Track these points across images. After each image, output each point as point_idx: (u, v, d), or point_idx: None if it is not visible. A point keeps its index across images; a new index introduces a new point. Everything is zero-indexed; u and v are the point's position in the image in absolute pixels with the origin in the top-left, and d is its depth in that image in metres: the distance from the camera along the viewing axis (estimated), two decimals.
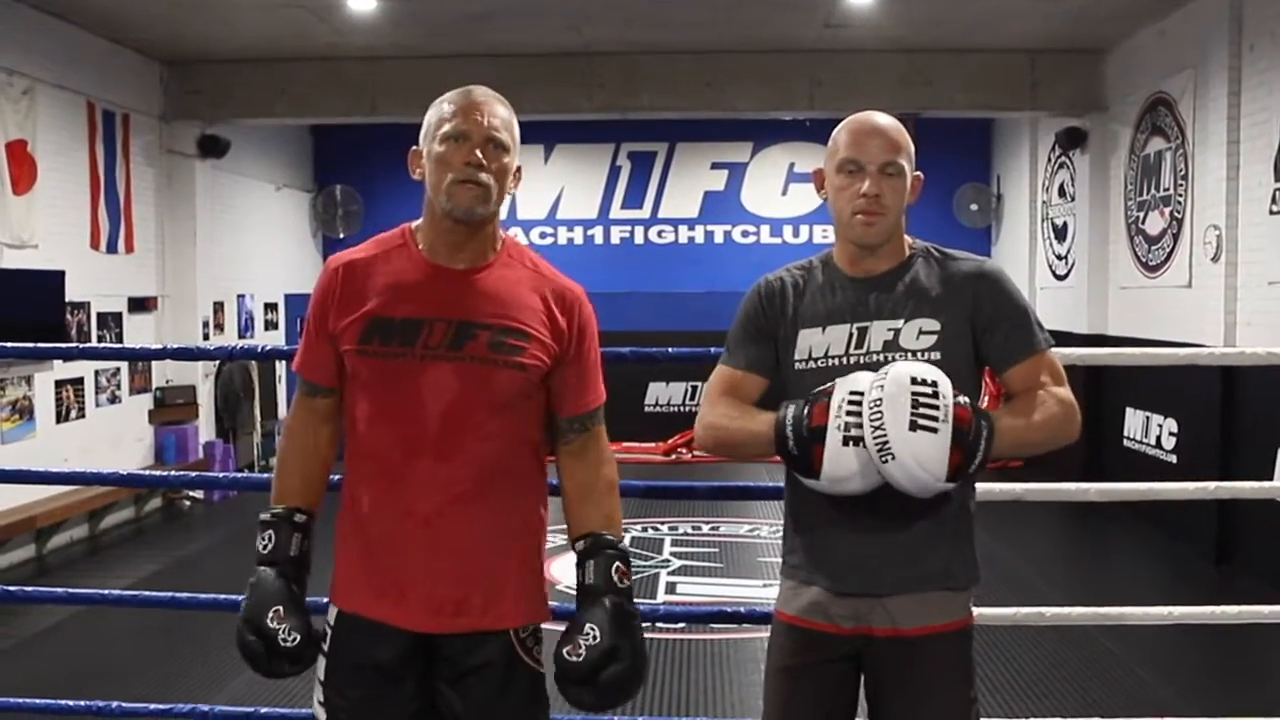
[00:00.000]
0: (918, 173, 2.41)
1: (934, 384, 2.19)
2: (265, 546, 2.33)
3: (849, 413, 2.21)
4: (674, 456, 12.31)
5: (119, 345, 8.91)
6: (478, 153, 2.24)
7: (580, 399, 2.38)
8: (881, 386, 2.19)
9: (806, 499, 2.40)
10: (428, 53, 9.98)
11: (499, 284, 2.31)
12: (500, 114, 2.30)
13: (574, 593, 2.36)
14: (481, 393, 2.25)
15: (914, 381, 2.18)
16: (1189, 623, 3.13)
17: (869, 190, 2.32)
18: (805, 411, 2.26)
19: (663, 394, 13.33)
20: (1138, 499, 3.59)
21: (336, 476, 2.46)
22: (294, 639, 2.24)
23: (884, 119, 2.39)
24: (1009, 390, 2.40)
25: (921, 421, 2.15)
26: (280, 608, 2.25)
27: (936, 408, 2.16)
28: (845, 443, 2.21)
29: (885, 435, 2.16)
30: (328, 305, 2.33)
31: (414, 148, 2.36)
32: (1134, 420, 9.36)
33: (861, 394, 2.21)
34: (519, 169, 2.35)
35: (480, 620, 2.27)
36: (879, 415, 2.16)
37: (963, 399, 2.21)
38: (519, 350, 2.27)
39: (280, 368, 12.48)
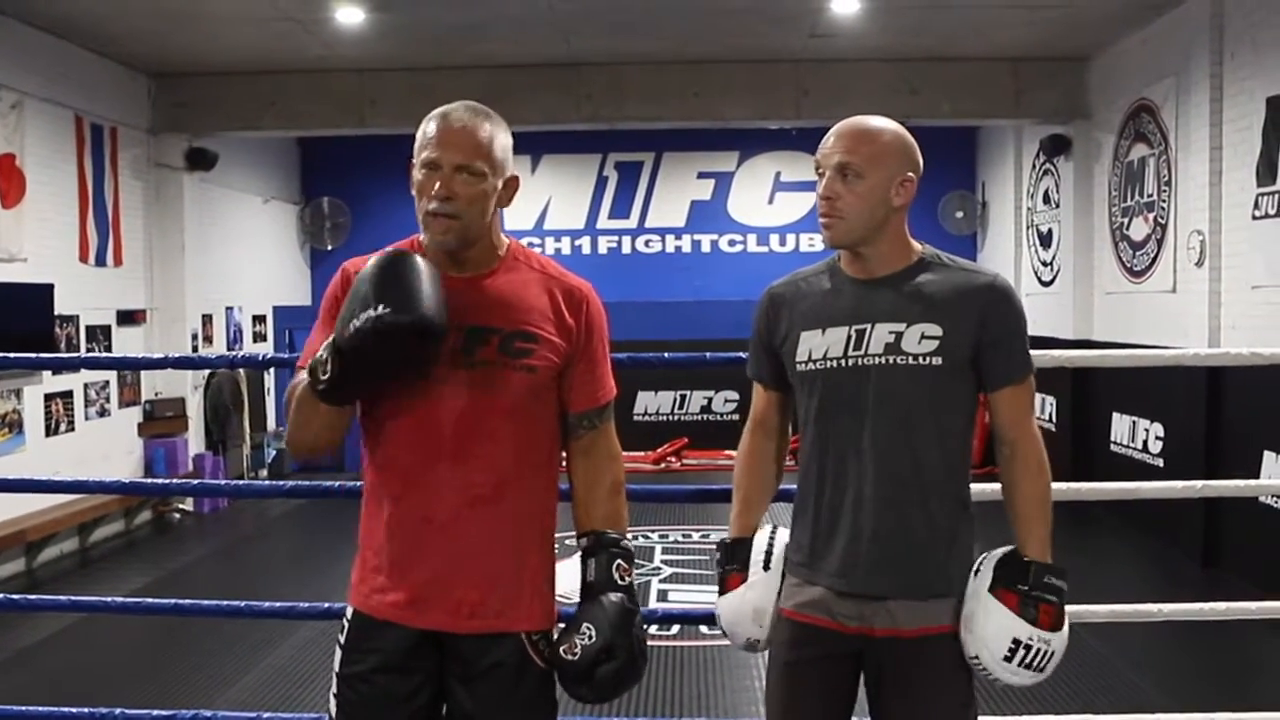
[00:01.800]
0: (909, 174, 2.39)
1: (1017, 645, 2.31)
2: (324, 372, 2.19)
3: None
4: (663, 465, 12.35)
5: (120, 355, 8.84)
6: (441, 186, 2.23)
7: (591, 394, 2.41)
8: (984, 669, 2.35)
9: (811, 502, 2.45)
10: (416, 64, 10.02)
11: (505, 288, 2.33)
12: (479, 137, 2.27)
13: (570, 598, 2.40)
14: (494, 397, 2.28)
15: (1007, 660, 2.32)
16: (1178, 619, 3.16)
17: (821, 192, 2.36)
18: (721, 573, 2.57)
19: (651, 403, 13.37)
20: (1126, 498, 3.61)
21: (358, 483, 2.49)
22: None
23: (860, 123, 2.39)
24: (991, 408, 2.43)
25: (1040, 665, 2.33)
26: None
27: (1039, 652, 2.32)
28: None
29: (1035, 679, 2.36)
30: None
31: (410, 160, 2.36)
32: (1120, 425, 9.42)
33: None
34: (515, 179, 2.35)
35: (495, 622, 2.31)
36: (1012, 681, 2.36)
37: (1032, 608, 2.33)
38: (528, 353, 2.30)
39: (269, 380, 12.48)
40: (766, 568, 2.52)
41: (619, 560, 2.37)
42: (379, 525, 2.35)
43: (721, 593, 2.57)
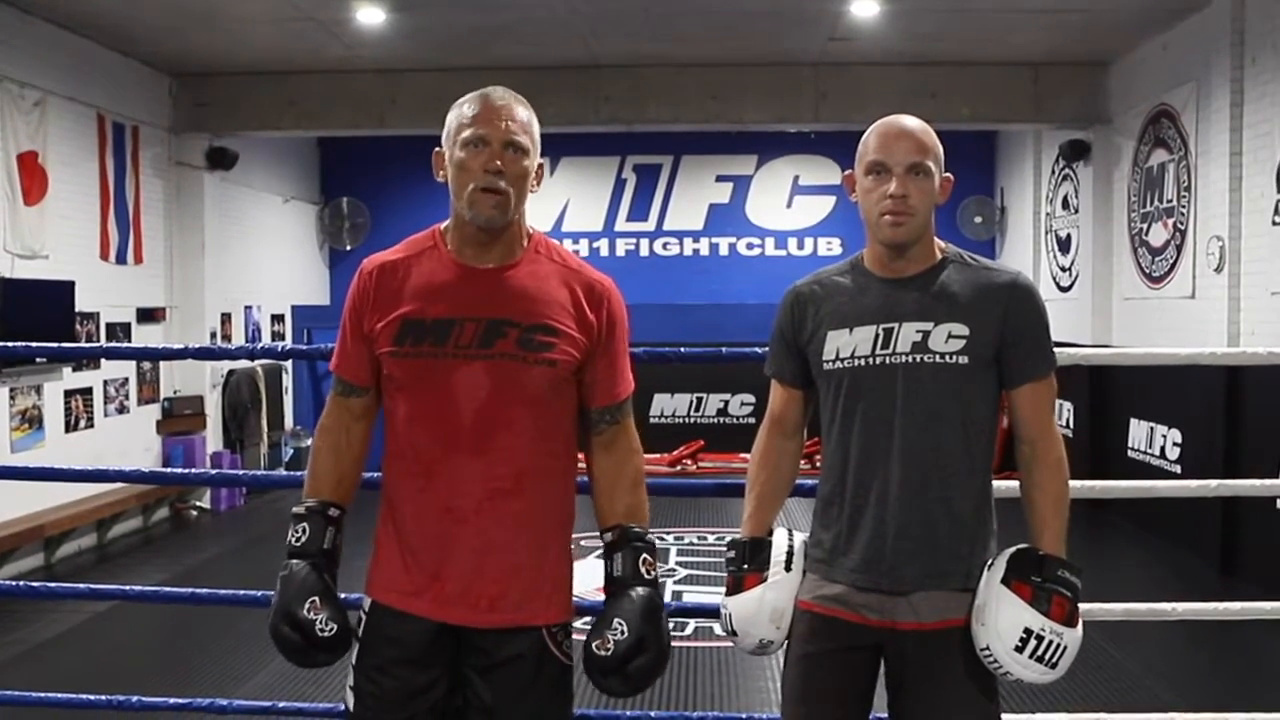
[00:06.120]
0: (947, 174, 2.45)
1: (1029, 635, 2.30)
2: (298, 539, 2.37)
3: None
4: (679, 468, 12.35)
5: (142, 346, 8.81)
6: (497, 161, 2.26)
7: (611, 390, 2.42)
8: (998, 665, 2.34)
9: (835, 499, 2.46)
10: (436, 66, 10.05)
11: (527, 281, 2.34)
12: (520, 116, 2.32)
13: (586, 597, 2.40)
14: (513, 389, 2.29)
15: (1018, 650, 2.30)
16: (1192, 620, 3.15)
17: (895, 191, 2.37)
18: (735, 572, 2.54)
19: (668, 405, 13.36)
20: (1141, 496, 3.61)
21: (375, 474, 2.49)
22: (331, 629, 2.27)
23: (912, 122, 2.43)
24: (1012, 405, 2.45)
25: (1052, 659, 2.31)
26: (316, 599, 2.28)
27: (1051, 644, 2.30)
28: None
29: (1046, 676, 2.34)
30: (363, 307, 2.38)
31: (436, 149, 2.38)
32: (1138, 431, 9.38)
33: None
34: (540, 167, 2.37)
35: (515, 615, 2.31)
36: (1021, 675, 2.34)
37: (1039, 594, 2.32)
38: (548, 346, 2.30)
39: (287, 379, 12.53)
40: (788, 568, 2.51)
41: (644, 554, 2.38)
42: (399, 516, 2.35)
43: (734, 592, 2.54)
